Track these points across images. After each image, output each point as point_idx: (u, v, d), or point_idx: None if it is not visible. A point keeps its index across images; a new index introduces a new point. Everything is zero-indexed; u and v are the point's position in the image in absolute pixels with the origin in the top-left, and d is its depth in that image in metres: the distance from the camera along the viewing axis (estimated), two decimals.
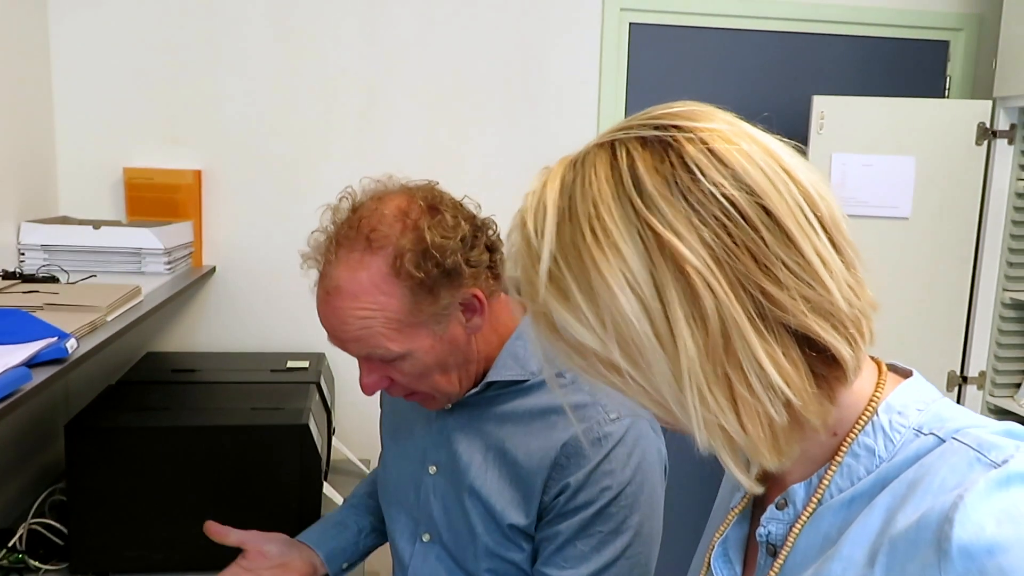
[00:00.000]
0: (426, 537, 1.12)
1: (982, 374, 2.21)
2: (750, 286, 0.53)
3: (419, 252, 0.94)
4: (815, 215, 0.55)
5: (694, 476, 1.66)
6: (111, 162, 1.90)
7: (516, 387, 1.06)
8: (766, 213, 0.54)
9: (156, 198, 1.89)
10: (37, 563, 1.46)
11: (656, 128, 0.57)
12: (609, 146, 0.58)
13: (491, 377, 1.05)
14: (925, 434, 0.59)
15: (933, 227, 2.09)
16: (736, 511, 0.71)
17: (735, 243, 0.53)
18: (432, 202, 0.98)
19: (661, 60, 2.14)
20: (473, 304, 1.01)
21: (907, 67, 2.24)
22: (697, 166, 0.54)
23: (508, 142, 2.03)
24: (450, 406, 1.10)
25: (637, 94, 2.11)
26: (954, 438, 0.57)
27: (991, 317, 2.17)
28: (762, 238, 0.53)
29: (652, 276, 0.54)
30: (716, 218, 0.53)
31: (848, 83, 2.17)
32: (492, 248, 1.02)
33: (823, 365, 0.57)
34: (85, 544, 1.44)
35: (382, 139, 2.01)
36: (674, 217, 0.54)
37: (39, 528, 1.50)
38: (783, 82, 2.16)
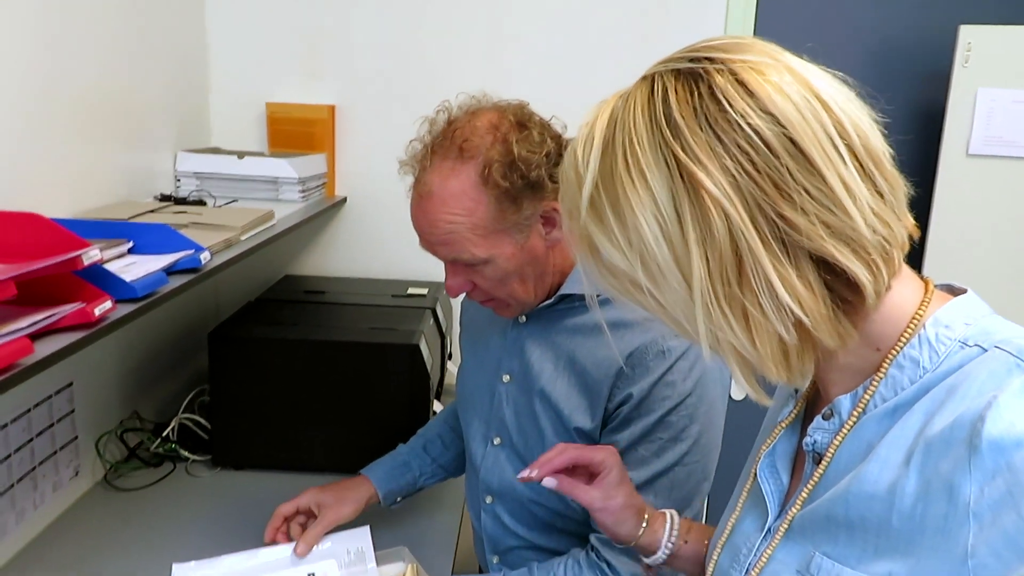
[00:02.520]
0: (497, 440, 1.20)
1: None
2: (769, 211, 0.56)
3: (506, 164, 1.01)
4: (845, 144, 0.57)
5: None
6: (256, 97, 2.05)
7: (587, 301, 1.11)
8: (791, 142, 0.56)
9: (294, 131, 2.03)
10: (187, 453, 1.66)
11: (691, 60, 0.60)
12: (649, 79, 0.61)
13: (564, 290, 1.11)
14: (970, 346, 0.60)
15: None
16: (784, 424, 0.74)
17: (756, 170, 0.56)
18: (521, 119, 1.05)
19: None
20: (553, 217, 1.06)
21: None
22: (724, 97, 0.57)
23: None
24: (524, 319, 1.16)
25: (767, 22, 2.02)
26: (996, 347, 0.59)
27: None
28: (785, 166, 0.56)
29: (673, 201, 0.58)
30: (739, 146, 0.56)
31: (999, 10, 1.97)
32: None
33: (845, 288, 0.59)
34: (224, 440, 1.62)
35: (507, 73, 2.04)
36: (697, 146, 0.57)
37: (188, 423, 1.70)
38: (926, 10, 1.98)
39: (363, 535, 1.27)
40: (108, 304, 0.91)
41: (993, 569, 0.53)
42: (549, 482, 0.91)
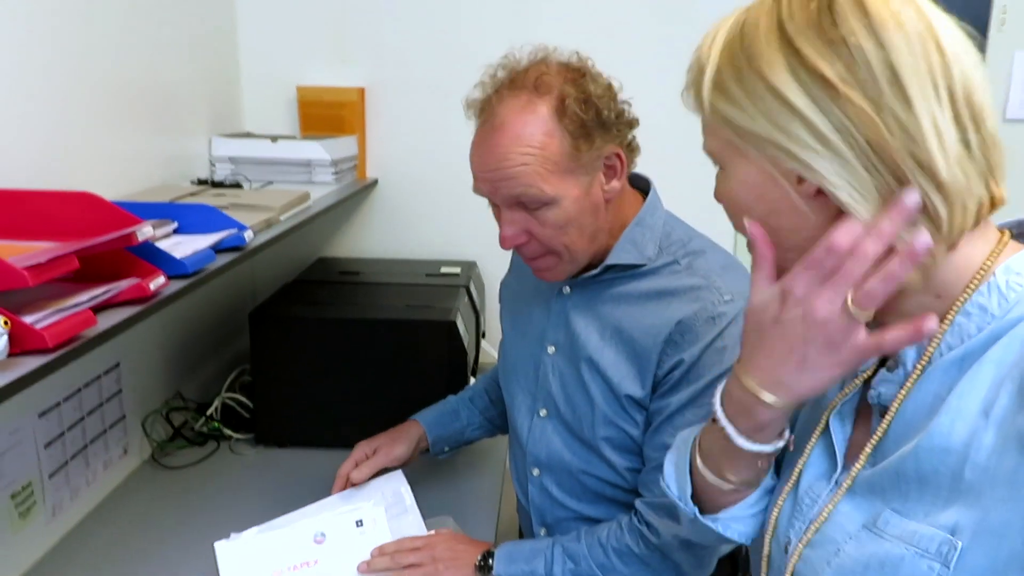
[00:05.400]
0: (543, 412, 1.21)
1: None
2: (863, 127, 0.59)
3: (582, 99, 1.02)
4: (947, 88, 0.59)
5: None
6: (287, 81, 2.06)
7: (633, 271, 1.12)
8: (891, 69, 0.58)
9: (325, 114, 2.05)
10: (230, 431, 1.69)
11: None
12: None
13: (610, 260, 1.12)
14: None
15: None
16: (864, 376, 0.72)
17: (858, 84, 0.59)
18: (588, 68, 1.07)
19: None
20: (615, 164, 1.07)
21: None
22: (839, 11, 0.60)
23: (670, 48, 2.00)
24: (568, 289, 1.17)
25: None
26: None
27: None
28: (880, 91, 0.58)
29: (793, 78, 0.61)
30: (844, 60, 0.59)
31: None
32: (631, 123, 1.09)
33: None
34: (267, 418, 1.65)
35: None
36: (812, 47, 0.60)
37: (231, 403, 1.73)
38: None
39: (397, 478, 1.31)
40: (161, 279, 0.94)
41: None
42: None
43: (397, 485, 1.30)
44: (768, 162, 0.64)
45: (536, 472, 1.24)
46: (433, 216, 2.14)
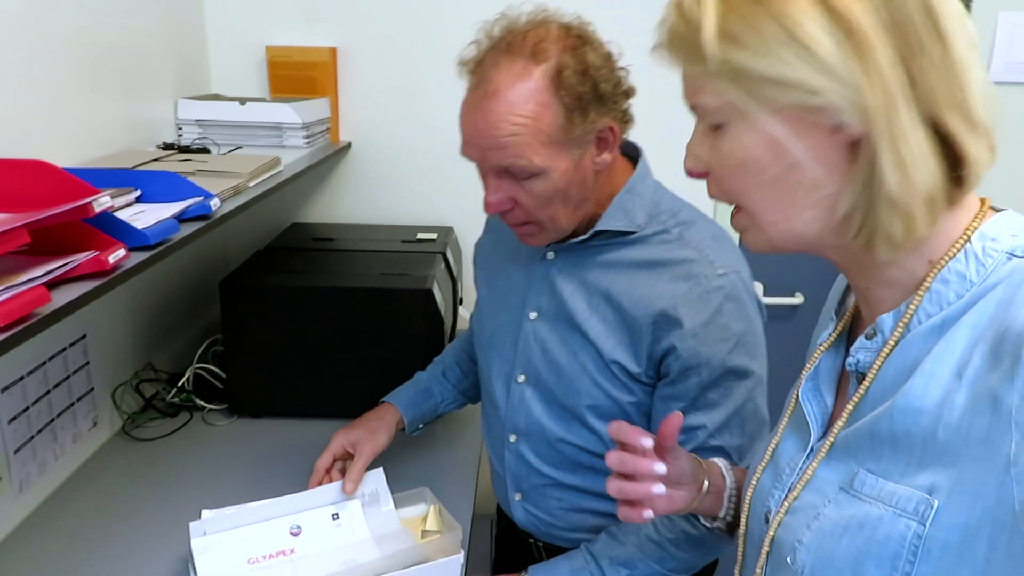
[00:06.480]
0: (521, 378, 1.19)
1: None
2: (900, 66, 0.57)
3: (580, 71, 0.98)
4: (972, 34, 0.59)
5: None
6: (255, 41, 1.99)
7: (622, 238, 1.10)
8: (925, 5, 0.57)
9: (295, 75, 1.98)
10: (203, 402, 1.66)
11: None
12: None
13: (600, 227, 1.09)
14: (1019, 256, 0.60)
15: None
16: (823, 347, 0.74)
17: (893, 23, 0.57)
18: (588, 34, 1.02)
19: None
20: (607, 138, 1.04)
21: None
22: None
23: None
24: (552, 254, 1.15)
25: None
26: None
27: None
28: (916, 22, 0.57)
29: (822, 17, 0.57)
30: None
31: None
32: (627, 93, 1.05)
33: (949, 166, 0.59)
34: (240, 389, 1.63)
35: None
36: None
37: (203, 373, 1.70)
38: None
39: (377, 477, 1.28)
40: (122, 252, 0.90)
41: None
42: (660, 467, 0.80)
43: (374, 478, 1.28)
44: (796, 111, 0.59)
45: (513, 439, 1.23)
46: (408, 180, 2.10)
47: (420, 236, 1.93)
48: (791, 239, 0.65)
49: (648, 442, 0.81)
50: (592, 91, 0.98)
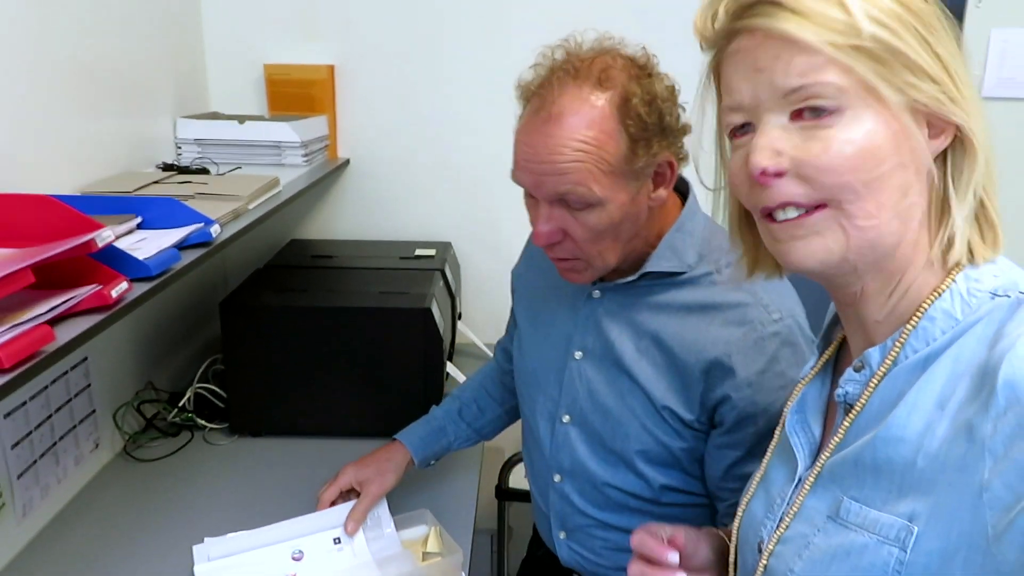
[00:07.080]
0: (566, 418, 1.15)
1: None
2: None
3: (647, 100, 0.95)
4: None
5: None
6: (253, 59, 2.00)
7: (671, 279, 1.06)
8: (940, 13, 0.62)
9: (294, 93, 1.99)
10: (203, 421, 1.67)
11: None
12: None
13: (648, 268, 1.05)
14: (1000, 295, 0.62)
15: None
16: (803, 383, 0.77)
17: (911, 13, 0.61)
18: (653, 66, 1.00)
19: None
20: (665, 173, 1.01)
21: None
22: None
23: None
24: (598, 293, 1.11)
25: None
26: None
27: None
28: (946, 29, 0.62)
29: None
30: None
31: None
32: (684, 129, 1.01)
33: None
34: (241, 408, 1.63)
35: (511, 35, 1.98)
36: None
37: (204, 392, 1.71)
38: None
39: (379, 502, 1.29)
40: (124, 285, 0.91)
41: (1005, 500, 0.54)
42: (673, 557, 0.81)
43: (377, 509, 1.28)
44: (926, 105, 0.62)
45: (558, 479, 1.19)
46: (407, 196, 2.10)
47: (418, 252, 1.94)
48: (869, 246, 0.63)
49: (674, 558, 0.80)
50: (657, 122, 0.95)
